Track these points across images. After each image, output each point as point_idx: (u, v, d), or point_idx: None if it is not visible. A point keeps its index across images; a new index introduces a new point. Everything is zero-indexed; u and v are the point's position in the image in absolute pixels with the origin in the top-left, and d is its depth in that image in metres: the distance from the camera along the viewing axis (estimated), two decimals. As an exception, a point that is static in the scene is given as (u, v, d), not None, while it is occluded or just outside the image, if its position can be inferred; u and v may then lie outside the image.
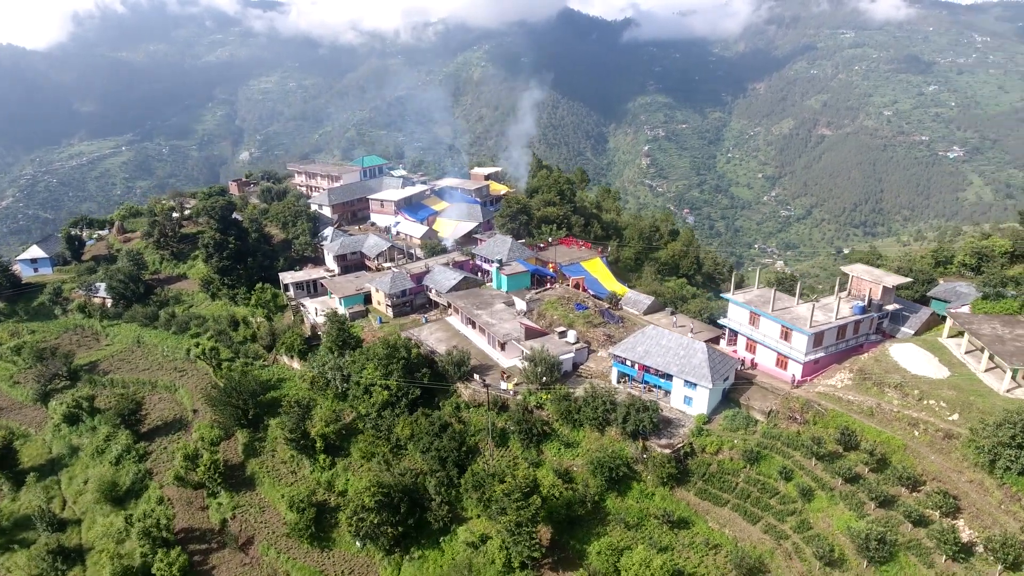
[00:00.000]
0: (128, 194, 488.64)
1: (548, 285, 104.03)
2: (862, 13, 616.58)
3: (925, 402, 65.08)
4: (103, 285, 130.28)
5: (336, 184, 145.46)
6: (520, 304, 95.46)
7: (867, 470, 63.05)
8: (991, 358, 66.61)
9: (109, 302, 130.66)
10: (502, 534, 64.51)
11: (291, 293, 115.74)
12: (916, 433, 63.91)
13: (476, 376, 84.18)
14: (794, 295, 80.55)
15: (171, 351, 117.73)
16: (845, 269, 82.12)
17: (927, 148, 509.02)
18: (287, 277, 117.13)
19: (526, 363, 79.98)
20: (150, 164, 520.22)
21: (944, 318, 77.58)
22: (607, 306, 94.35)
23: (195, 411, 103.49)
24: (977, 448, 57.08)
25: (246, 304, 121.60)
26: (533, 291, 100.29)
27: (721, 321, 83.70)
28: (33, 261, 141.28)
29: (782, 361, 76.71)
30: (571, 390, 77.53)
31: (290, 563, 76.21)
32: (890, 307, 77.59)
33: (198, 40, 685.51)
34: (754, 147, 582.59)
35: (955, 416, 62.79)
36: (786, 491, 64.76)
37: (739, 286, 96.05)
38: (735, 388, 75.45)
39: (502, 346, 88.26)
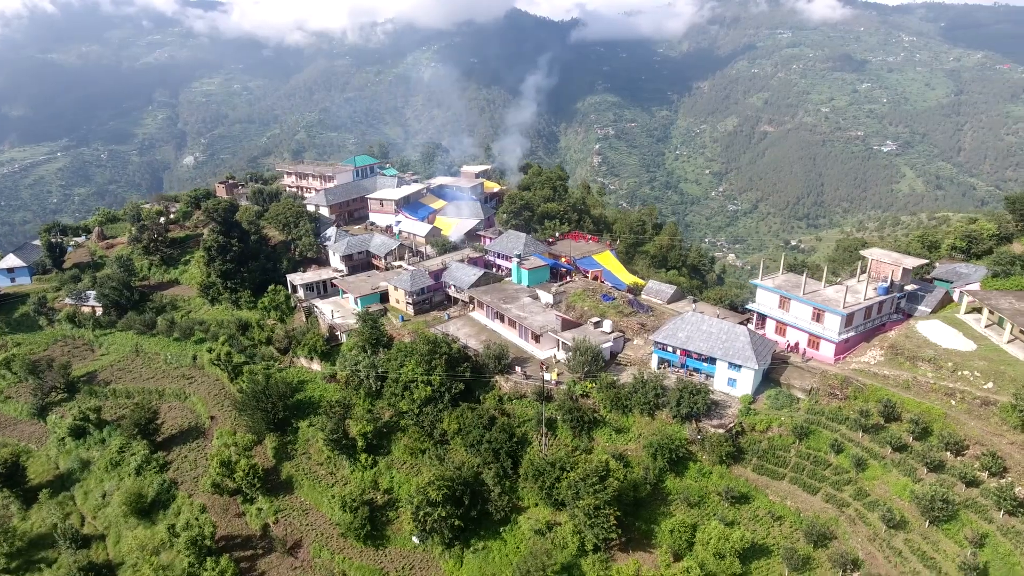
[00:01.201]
0: (66, 202, 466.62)
1: (567, 278, 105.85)
2: (799, 13, 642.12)
3: (959, 373, 69.86)
4: (93, 293, 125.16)
5: (330, 184, 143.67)
6: (546, 297, 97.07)
7: (911, 438, 67.26)
8: (1014, 330, 71.88)
9: (100, 311, 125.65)
10: (576, 518, 66.02)
11: (300, 294, 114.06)
12: (953, 402, 68.56)
13: (518, 368, 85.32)
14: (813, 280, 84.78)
15: (175, 358, 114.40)
16: (864, 253, 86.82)
17: (862, 143, 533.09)
18: (296, 279, 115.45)
19: (569, 353, 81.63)
20: (88, 170, 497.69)
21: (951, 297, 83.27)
22: (633, 296, 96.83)
23: (212, 418, 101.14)
24: (1020, 412, 61.73)
25: (250, 308, 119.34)
26: (557, 284, 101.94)
27: (750, 306, 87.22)
28: (10, 271, 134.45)
29: (813, 342, 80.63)
30: (616, 377, 79.59)
31: (346, 563, 75.77)
32: (909, 287, 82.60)
33: (134, 41, 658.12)
34: (701, 144, 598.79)
35: (990, 384, 67.70)
36: (838, 463, 68.44)
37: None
38: (771, 369, 78.89)
39: (536, 338, 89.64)
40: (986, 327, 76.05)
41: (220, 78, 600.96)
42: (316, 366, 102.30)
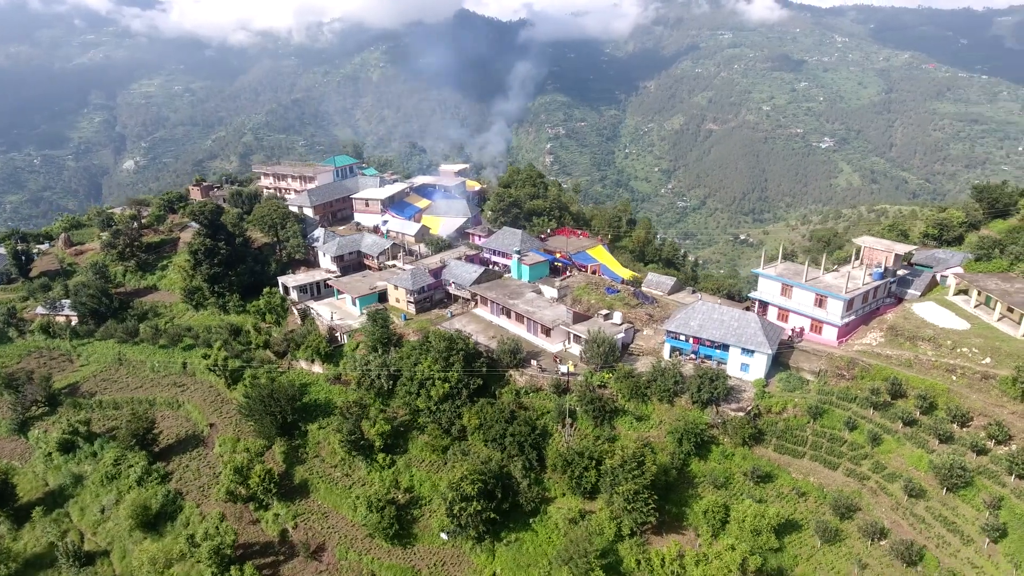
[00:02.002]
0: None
1: (566, 273, 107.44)
2: (739, 15, 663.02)
3: (958, 350, 74.52)
4: (67, 302, 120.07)
5: (311, 185, 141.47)
6: (550, 292, 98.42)
7: (919, 413, 71.40)
8: (1005, 309, 77.06)
9: (75, 320, 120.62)
10: (613, 504, 67.56)
11: (294, 296, 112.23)
12: (954, 378, 73.13)
13: (533, 362, 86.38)
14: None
15: (162, 366, 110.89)
16: (857, 241, 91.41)
17: (802, 140, 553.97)
18: (289, 281, 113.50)
19: (583, 345, 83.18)
20: (20, 176, 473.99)
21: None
22: (637, 288, 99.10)
23: (211, 425, 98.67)
24: (1021, 384, 66.34)
25: (238, 312, 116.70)
26: (559, 279, 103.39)
27: (752, 294, 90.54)
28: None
29: (816, 326, 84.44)
30: (632, 367, 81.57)
31: (375, 563, 75.30)
32: (901, 272, 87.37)
33: (67, 41, 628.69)
34: (649, 142, 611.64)
35: (987, 360, 72.48)
36: (853, 439, 72.05)
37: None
38: (779, 353, 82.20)
39: (547, 332, 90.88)
40: (975, 307, 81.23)
41: (160, 79, 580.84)
42: (318, 368, 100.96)
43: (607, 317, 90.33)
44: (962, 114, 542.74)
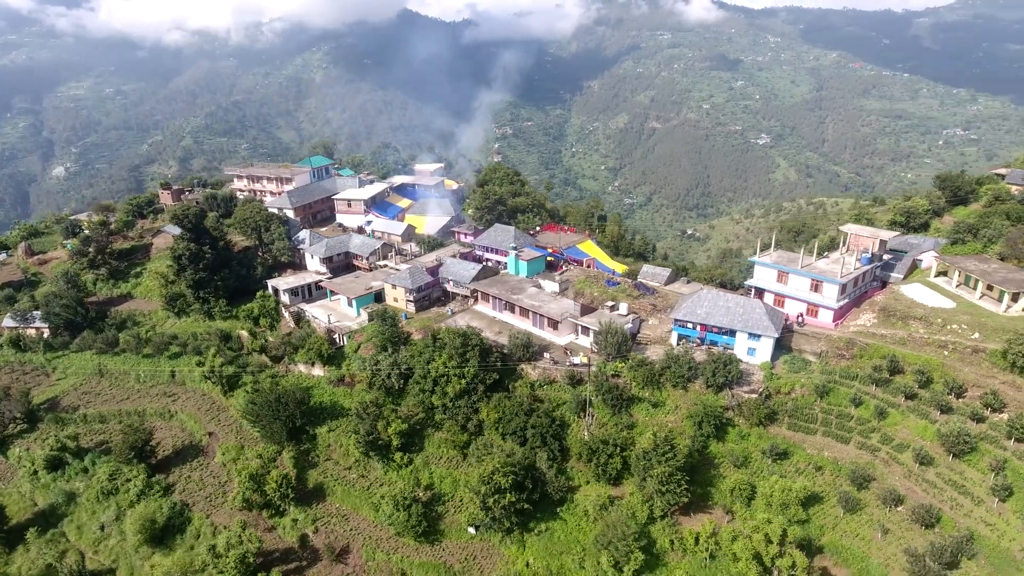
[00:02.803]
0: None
1: (562, 268, 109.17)
2: (677, 15, 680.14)
3: (948, 327, 79.77)
4: (38, 314, 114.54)
5: (288, 186, 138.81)
6: (551, 286, 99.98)
7: (917, 387, 76.13)
8: (985, 287, 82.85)
9: (47, 332, 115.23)
10: (646, 487, 69.56)
11: (285, 299, 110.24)
12: (946, 353, 78.28)
13: (546, 355, 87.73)
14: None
15: (148, 376, 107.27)
16: (843, 228, 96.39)
17: (741, 136, 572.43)
18: (280, 283, 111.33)
19: (594, 336, 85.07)
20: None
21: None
22: (638, 280, 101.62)
23: (210, 434, 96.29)
24: (1013, 356, 71.60)
25: (225, 318, 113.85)
26: (557, 274, 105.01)
27: (749, 282, 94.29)
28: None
29: (812, 310, 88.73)
30: (645, 356, 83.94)
31: (405, 562, 75.17)
32: (886, 257, 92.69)
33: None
34: (595, 141, 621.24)
35: (976, 335, 77.86)
36: (859, 414, 76.23)
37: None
38: (780, 337, 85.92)
39: (555, 325, 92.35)
40: (956, 287, 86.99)
41: (90, 81, 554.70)
42: (318, 371, 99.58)
43: (613, 308, 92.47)
44: (887, 110, 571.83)
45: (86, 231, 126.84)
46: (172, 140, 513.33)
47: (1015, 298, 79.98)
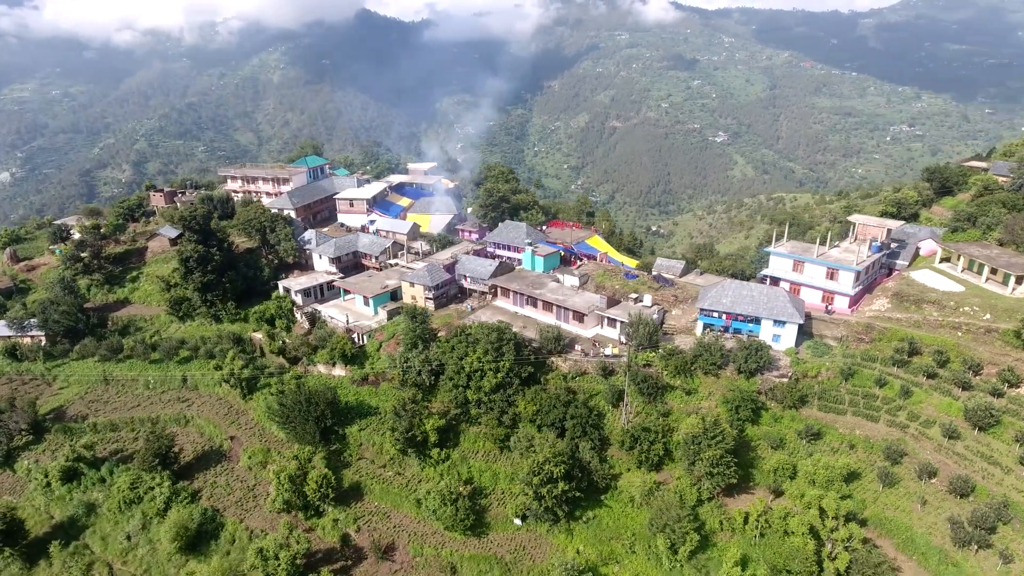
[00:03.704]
0: None
1: (576, 262, 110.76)
2: (636, 15, 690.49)
3: (961, 309, 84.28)
4: (34, 321, 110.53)
5: (285, 187, 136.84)
6: (571, 280, 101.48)
7: (936, 366, 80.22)
8: (990, 271, 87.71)
9: (43, 341, 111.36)
10: (696, 470, 71.60)
11: (299, 300, 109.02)
12: (960, 334, 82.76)
13: (578, 347, 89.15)
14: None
15: (158, 382, 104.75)
16: (851, 218, 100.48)
17: (699, 135, 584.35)
18: (292, 284, 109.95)
19: (628, 327, 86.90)
20: None
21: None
22: (658, 273, 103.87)
23: (232, 438, 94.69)
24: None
25: (233, 320, 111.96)
26: (576, 268, 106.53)
27: (764, 272, 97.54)
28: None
29: (827, 297, 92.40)
30: (675, 345, 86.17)
31: (455, 556, 75.52)
32: (893, 245, 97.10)
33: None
34: (557, 140, 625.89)
35: (988, 316, 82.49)
36: (884, 394, 79.90)
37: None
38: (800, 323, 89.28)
39: (580, 318, 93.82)
40: (962, 272, 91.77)
41: (35, 83, 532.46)
42: (339, 371, 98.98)
43: (637, 300, 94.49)
44: (837, 108, 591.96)
45: (78, 235, 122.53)
46: (125, 143, 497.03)
47: (1020, 280, 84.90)
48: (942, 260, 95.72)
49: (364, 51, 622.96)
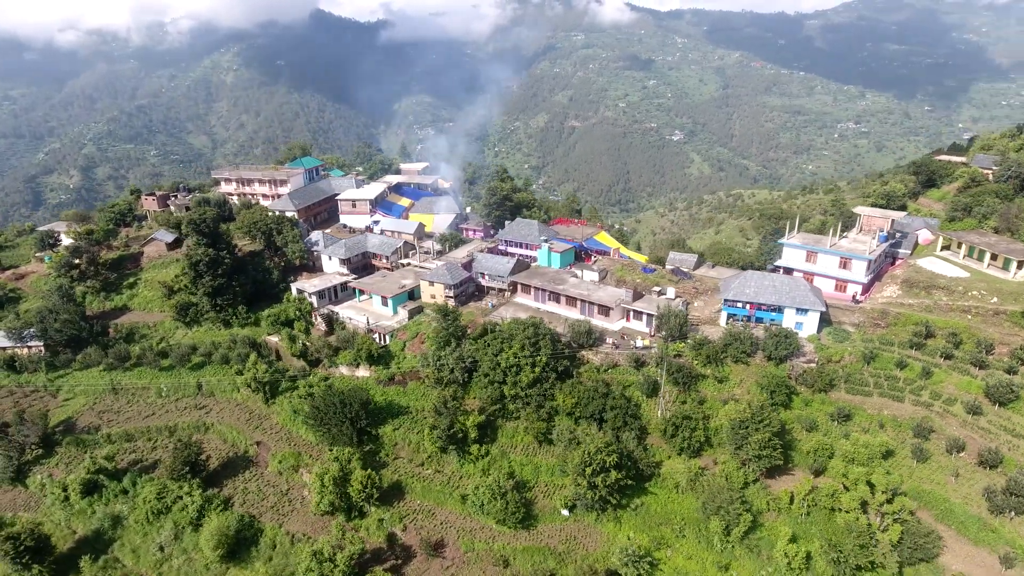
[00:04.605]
0: None
1: (590, 259, 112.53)
2: (592, 16, 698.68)
3: (969, 293, 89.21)
4: (32, 332, 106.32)
5: (283, 189, 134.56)
6: (590, 275, 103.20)
7: (953, 348, 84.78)
8: (991, 257, 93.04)
9: (42, 351, 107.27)
10: (742, 453, 74.02)
11: (314, 302, 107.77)
12: (969, 317, 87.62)
13: (609, 340, 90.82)
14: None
15: (170, 390, 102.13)
16: (856, 210, 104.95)
17: (656, 133, 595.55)
18: (307, 286, 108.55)
19: (659, 319, 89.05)
20: None
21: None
22: (676, 267, 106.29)
23: (258, 443, 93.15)
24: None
25: (243, 325, 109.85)
26: (588, 264, 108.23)
27: (777, 263, 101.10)
28: None
29: (840, 286, 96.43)
30: (704, 335, 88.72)
31: (507, 549, 76.18)
32: (898, 235, 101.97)
33: None
34: (517, 140, 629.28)
35: (995, 299, 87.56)
36: (905, 375, 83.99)
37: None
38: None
39: (606, 312, 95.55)
40: (964, 258, 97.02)
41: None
42: (363, 372, 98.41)
43: (661, 293, 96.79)
44: (787, 107, 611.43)
45: (68, 241, 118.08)
46: (72, 148, 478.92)
47: (1020, 265, 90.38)
48: (943, 248, 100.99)
49: (320, 52, 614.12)
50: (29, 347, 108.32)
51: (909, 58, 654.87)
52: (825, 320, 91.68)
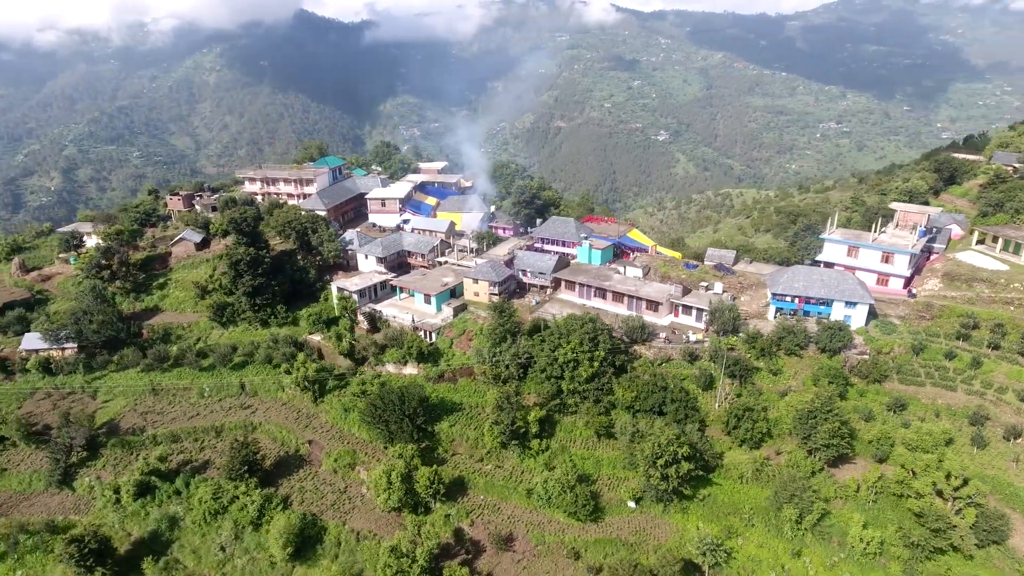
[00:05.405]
0: None
1: (628, 256, 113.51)
2: (577, 16, 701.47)
3: (1011, 285, 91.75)
4: (65, 333, 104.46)
5: (309, 188, 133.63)
6: (634, 271, 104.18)
7: (1000, 339, 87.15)
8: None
9: (77, 353, 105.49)
10: (810, 443, 75.42)
11: (356, 300, 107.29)
12: (1012, 308, 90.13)
13: (661, 335, 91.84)
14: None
15: (212, 390, 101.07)
16: (893, 206, 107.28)
17: (642, 133, 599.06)
18: (349, 285, 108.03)
19: (712, 314, 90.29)
20: None
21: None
22: (720, 263, 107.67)
23: (310, 442, 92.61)
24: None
25: (281, 324, 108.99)
26: (627, 260, 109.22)
27: (818, 257, 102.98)
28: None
29: (882, 279, 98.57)
30: (757, 329, 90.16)
31: (578, 541, 76.74)
32: (935, 230, 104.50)
33: None
34: (503, 140, 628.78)
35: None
36: (954, 365, 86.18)
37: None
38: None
39: (655, 307, 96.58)
40: (1000, 252, 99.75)
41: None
42: (410, 370, 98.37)
43: (708, 288, 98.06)
44: (770, 107, 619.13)
45: (96, 242, 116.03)
46: (52, 149, 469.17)
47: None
48: (977, 242, 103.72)
49: (304, 52, 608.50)
50: (63, 349, 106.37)
51: (888, 59, 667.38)
52: (871, 313, 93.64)
